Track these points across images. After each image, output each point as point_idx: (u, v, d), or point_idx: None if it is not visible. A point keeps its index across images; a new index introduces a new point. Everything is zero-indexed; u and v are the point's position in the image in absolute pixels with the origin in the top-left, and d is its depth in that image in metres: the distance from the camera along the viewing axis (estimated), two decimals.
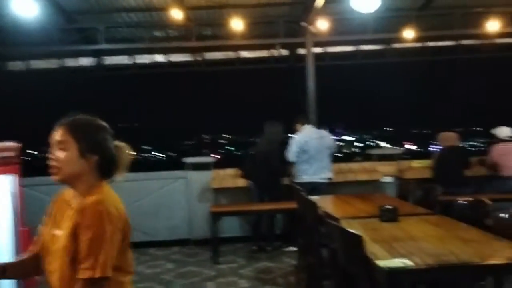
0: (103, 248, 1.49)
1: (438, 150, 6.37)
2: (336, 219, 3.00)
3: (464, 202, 3.39)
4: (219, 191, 6.35)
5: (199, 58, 8.76)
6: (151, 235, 6.09)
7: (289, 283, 4.67)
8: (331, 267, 3.25)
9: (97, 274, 1.48)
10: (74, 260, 1.52)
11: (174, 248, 6.16)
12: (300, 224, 4.40)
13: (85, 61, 9.25)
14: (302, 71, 7.11)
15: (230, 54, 8.22)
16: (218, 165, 6.65)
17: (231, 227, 6.26)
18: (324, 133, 5.92)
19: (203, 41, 7.68)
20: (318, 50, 7.67)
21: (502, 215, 2.83)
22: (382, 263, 2.32)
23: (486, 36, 7.39)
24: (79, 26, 7.56)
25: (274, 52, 7.91)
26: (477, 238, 2.75)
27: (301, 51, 7.63)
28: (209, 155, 12.07)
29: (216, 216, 5.61)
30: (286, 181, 6.02)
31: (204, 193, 6.36)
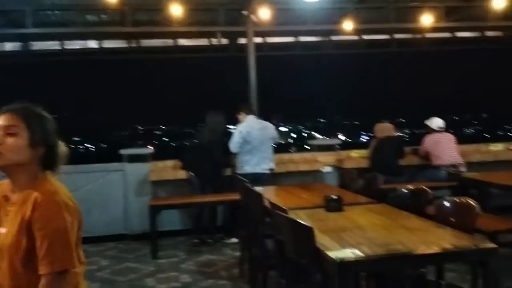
0: (66, 239, 1.46)
1: (371, 140, 6.55)
2: (284, 210, 2.94)
3: (406, 191, 3.47)
4: (158, 184, 6.13)
5: (134, 45, 8.38)
6: (84, 231, 5.71)
7: (232, 275, 4.59)
8: (277, 258, 3.21)
9: (65, 267, 1.45)
10: (28, 257, 1.45)
11: (110, 244, 5.88)
12: (243, 216, 4.34)
13: (10, 46, 8.56)
14: (243, 61, 7.02)
15: (168, 42, 7.94)
16: (153, 155, 6.42)
17: (171, 220, 6.07)
18: (267, 123, 5.87)
19: (139, 26, 7.35)
20: (258, 40, 7.59)
21: (444, 203, 2.91)
22: (333, 254, 2.29)
23: (419, 30, 7.69)
24: (4, 8, 6.95)
25: (214, 41, 7.75)
26: (421, 226, 2.80)
27: (242, 40, 7.53)
28: (144, 147, 11.66)
29: (155, 210, 5.41)
30: (228, 172, 5.92)
31: (142, 186, 6.12)
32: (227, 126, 6.26)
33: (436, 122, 6.29)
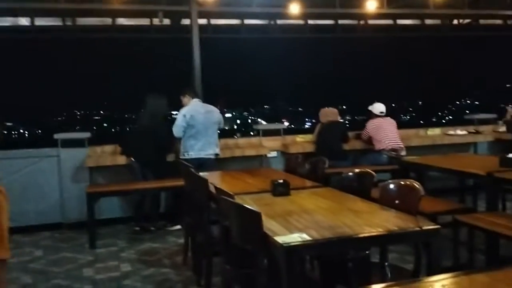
0: (4, 227, 1.44)
1: (315, 125, 6.60)
2: (230, 196, 2.85)
3: (351, 174, 3.47)
4: (96, 170, 5.85)
5: (70, 23, 7.89)
6: (16, 220, 5.37)
7: (176, 263, 4.46)
8: (222, 245, 3.11)
9: (6, 255, 1.44)
10: None
11: (45, 233, 5.56)
12: (187, 202, 4.21)
13: None
14: (187, 43, 6.80)
15: (106, 20, 7.52)
16: (91, 142, 6.11)
17: (110, 208, 5.83)
18: (212, 107, 5.72)
19: (74, 3, 6.91)
20: (202, 21, 7.38)
21: (389, 186, 2.92)
22: (280, 239, 2.22)
23: (363, 16, 7.79)
24: None
25: (156, 21, 7.44)
26: (366, 209, 2.80)
27: (185, 21, 7.28)
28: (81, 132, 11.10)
29: (93, 197, 5.15)
30: (171, 157, 5.74)
31: (79, 173, 5.81)
32: (172, 111, 6.05)
33: (378, 107, 6.41)
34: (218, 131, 5.79)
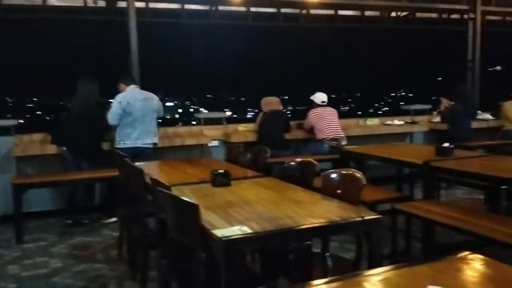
0: None
1: (257, 114, 6.52)
2: (167, 187, 2.69)
3: (293, 164, 3.41)
4: (24, 160, 5.44)
5: None
6: None
7: (110, 257, 4.24)
8: (158, 238, 2.95)
9: None
10: None
11: None
12: (122, 193, 3.99)
13: None
14: (123, 27, 6.46)
15: (35, 0, 7.00)
16: (23, 130, 5.68)
17: (40, 200, 5.47)
18: (150, 94, 5.47)
19: None
20: (139, 4, 7.04)
21: (331, 175, 2.88)
22: (219, 232, 2.10)
23: (305, 6, 7.77)
24: None
25: (90, 2, 7.01)
26: (308, 199, 2.74)
27: (121, 3, 6.91)
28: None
29: (20, 189, 4.78)
30: (106, 146, 5.45)
31: (4, 162, 5.39)
32: (107, 98, 5.74)
33: (319, 97, 6.43)
34: (160, 120, 5.57)
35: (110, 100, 5.48)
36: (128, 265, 3.90)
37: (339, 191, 2.75)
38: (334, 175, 2.88)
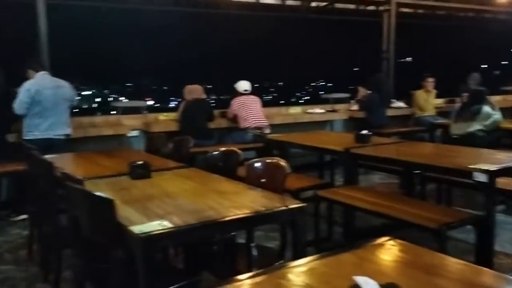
0: None
1: (180, 103, 6.35)
2: (79, 181, 2.49)
3: (216, 153, 3.32)
4: None
5: None
6: None
7: (20, 258, 3.91)
8: (71, 236, 2.74)
9: None
10: None
11: None
12: (31, 189, 3.67)
13: None
14: (30, 8, 5.95)
15: None
16: None
17: None
18: (62, 82, 5.09)
19: None
20: None
21: (255, 164, 2.83)
22: (137, 228, 1.97)
23: None
24: None
25: None
26: (233, 189, 2.67)
27: None
28: None
29: None
30: (12, 137, 5.01)
31: None
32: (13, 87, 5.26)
33: (242, 85, 6.38)
34: (78, 110, 5.20)
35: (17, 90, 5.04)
36: (40, 266, 3.61)
37: (263, 180, 2.70)
38: (258, 164, 2.83)
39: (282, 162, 2.70)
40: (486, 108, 5.27)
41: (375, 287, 1.24)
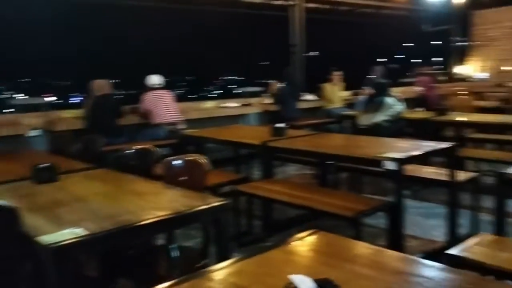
0: None
1: (85, 99, 5.98)
2: None
3: (130, 152, 3.14)
4: None
5: None
6: None
7: None
8: None
9: None
10: None
11: None
12: None
13: None
14: None
15: None
16: None
17: None
18: None
19: None
20: None
21: (173, 162, 2.71)
22: (46, 238, 1.78)
23: None
24: None
25: None
26: (150, 189, 2.54)
27: None
28: None
29: None
30: None
31: None
32: None
33: (153, 80, 6.15)
34: None
35: None
36: None
37: (182, 178, 2.60)
38: (177, 162, 2.72)
39: (202, 159, 2.62)
40: (388, 100, 5.58)
41: (311, 284, 1.22)
